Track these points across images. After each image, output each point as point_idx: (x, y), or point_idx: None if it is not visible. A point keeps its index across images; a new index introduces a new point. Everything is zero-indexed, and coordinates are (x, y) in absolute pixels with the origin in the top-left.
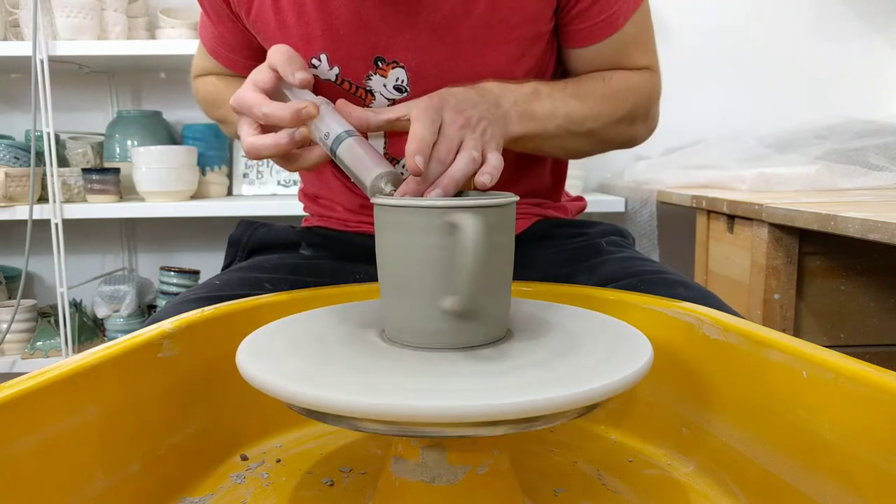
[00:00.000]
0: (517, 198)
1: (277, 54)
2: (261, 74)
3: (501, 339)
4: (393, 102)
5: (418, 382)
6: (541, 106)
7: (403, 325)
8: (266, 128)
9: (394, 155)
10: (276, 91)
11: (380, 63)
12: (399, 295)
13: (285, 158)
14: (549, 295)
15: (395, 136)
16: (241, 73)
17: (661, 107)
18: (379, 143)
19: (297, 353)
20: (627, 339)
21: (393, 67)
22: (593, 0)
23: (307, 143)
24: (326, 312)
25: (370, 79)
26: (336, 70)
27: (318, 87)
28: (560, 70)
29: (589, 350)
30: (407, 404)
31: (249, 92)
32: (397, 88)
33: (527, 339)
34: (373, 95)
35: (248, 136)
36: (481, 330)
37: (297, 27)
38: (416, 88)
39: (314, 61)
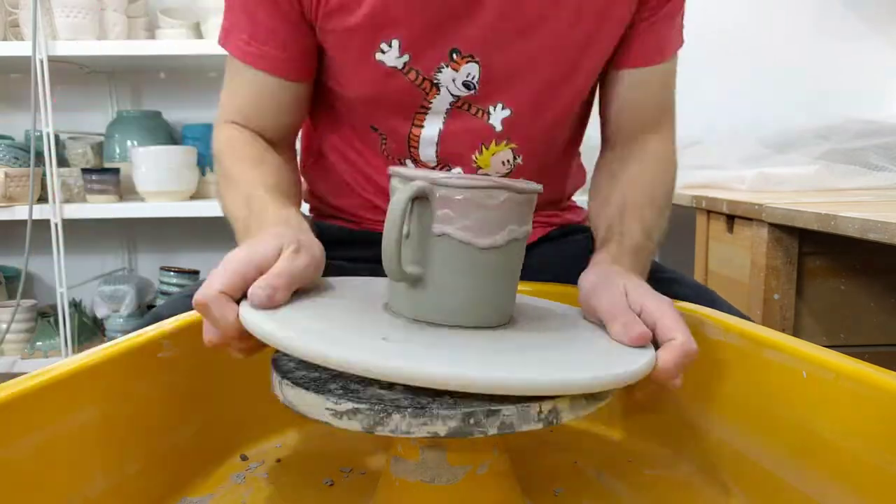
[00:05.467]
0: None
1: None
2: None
3: (504, 325)
4: (458, 99)
5: (381, 343)
6: (648, 258)
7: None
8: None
9: (444, 158)
10: None
11: (454, 55)
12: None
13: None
14: (549, 295)
15: (448, 141)
16: (284, 74)
17: None
18: (431, 150)
19: (298, 308)
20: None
21: (467, 62)
22: (655, 21)
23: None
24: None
25: (440, 71)
26: (406, 58)
27: (376, 80)
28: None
29: (586, 342)
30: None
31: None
32: (466, 85)
33: (529, 328)
34: (438, 89)
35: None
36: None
37: (371, 6)
38: (484, 88)
39: (383, 46)
